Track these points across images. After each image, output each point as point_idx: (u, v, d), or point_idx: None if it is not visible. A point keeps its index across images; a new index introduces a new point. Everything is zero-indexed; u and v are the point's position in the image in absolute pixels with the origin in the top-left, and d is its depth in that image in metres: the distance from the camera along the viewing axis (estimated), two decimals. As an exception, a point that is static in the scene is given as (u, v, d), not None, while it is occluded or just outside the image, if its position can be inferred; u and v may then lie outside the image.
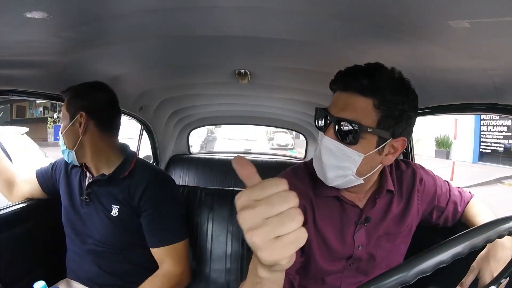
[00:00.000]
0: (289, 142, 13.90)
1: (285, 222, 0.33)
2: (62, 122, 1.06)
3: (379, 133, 0.69)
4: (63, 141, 1.04)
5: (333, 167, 0.72)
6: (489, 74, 0.80)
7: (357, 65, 0.72)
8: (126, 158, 1.09)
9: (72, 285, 1.08)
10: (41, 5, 0.63)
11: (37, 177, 1.17)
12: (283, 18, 0.78)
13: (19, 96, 1.07)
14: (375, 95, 0.68)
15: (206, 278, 1.23)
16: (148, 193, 1.03)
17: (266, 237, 0.33)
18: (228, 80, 1.48)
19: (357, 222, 0.80)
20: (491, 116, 9.12)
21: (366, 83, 0.68)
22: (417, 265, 0.35)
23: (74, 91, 1.05)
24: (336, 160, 0.71)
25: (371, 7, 0.66)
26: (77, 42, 0.89)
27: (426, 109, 1.16)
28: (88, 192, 1.05)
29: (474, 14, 0.57)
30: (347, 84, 0.70)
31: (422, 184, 0.88)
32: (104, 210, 1.03)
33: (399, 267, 0.37)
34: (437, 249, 0.36)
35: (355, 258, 0.82)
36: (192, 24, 0.84)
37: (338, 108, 0.71)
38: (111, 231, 1.03)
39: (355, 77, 0.69)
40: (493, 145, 9.85)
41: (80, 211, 1.06)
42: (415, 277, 0.36)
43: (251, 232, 0.33)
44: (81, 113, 1.01)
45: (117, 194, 1.04)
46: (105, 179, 1.04)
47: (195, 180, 2.57)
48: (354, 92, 0.69)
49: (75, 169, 1.13)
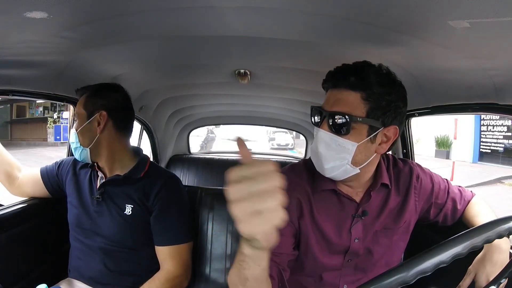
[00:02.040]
0: (289, 142, 13.93)
1: (265, 198, 0.37)
2: (77, 120, 1.06)
3: (369, 122, 0.75)
4: (77, 138, 1.04)
5: (330, 157, 0.77)
6: (489, 74, 0.80)
7: (345, 64, 0.78)
8: (140, 160, 1.13)
9: (74, 284, 1.08)
10: (41, 5, 0.63)
11: (42, 176, 1.17)
12: (283, 18, 0.78)
13: (19, 96, 1.07)
14: (363, 89, 0.74)
15: (206, 278, 1.23)
16: (161, 194, 1.07)
17: (245, 210, 0.37)
18: (228, 80, 1.48)
19: (354, 215, 0.83)
20: (491, 116, 9.11)
21: (354, 79, 0.74)
22: (417, 265, 0.35)
23: (93, 90, 1.07)
24: (331, 151, 0.76)
25: (371, 7, 0.66)
26: (77, 42, 0.89)
27: (426, 109, 1.16)
28: (101, 191, 1.07)
29: (474, 14, 0.57)
30: (337, 82, 0.77)
31: (419, 181, 0.90)
32: (117, 209, 1.05)
33: (399, 267, 0.37)
34: (437, 249, 0.36)
35: (352, 252, 0.83)
36: (192, 24, 0.84)
37: (330, 103, 0.77)
38: (124, 229, 1.05)
39: (343, 75, 0.76)
40: (493, 145, 9.85)
41: (90, 210, 1.07)
42: (415, 277, 0.36)
43: (234, 204, 0.37)
44: (101, 112, 1.04)
45: (132, 193, 1.06)
46: (121, 178, 1.07)
47: (195, 180, 2.57)
48: (343, 88, 0.76)
49: (84, 169, 1.14)
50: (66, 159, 1.20)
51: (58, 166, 1.18)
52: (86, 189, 1.10)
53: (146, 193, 1.07)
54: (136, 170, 1.09)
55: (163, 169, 1.21)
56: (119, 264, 1.06)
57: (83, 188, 1.11)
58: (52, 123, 13.37)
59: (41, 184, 1.17)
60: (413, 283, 0.37)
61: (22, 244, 1.09)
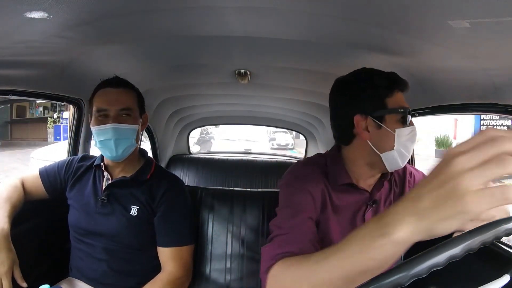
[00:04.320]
0: (289, 142, 13.94)
1: (504, 163, 0.32)
2: (132, 116, 1.04)
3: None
4: (131, 134, 1.04)
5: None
6: (489, 74, 0.80)
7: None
8: (146, 162, 1.14)
9: (76, 284, 1.08)
10: (41, 5, 0.63)
11: (41, 177, 1.14)
12: (283, 18, 0.78)
13: (19, 96, 1.06)
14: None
15: (206, 278, 1.23)
16: (166, 196, 1.07)
17: (481, 179, 0.32)
18: (228, 80, 1.48)
19: (367, 203, 0.88)
20: (491, 116, 9.11)
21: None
22: (410, 269, 0.35)
23: (135, 88, 1.09)
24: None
25: (371, 7, 0.66)
26: (77, 42, 0.89)
27: (426, 109, 1.16)
28: (107, 193, 1.06)
29: (474, 14, 0.57)
30: (404, 87, 0.83)
31: (412, 176, 0.95)
32: (122, 210, 1.05)
33: (396, 268, 0.37)
34: (432, 252, 0.36)
35: None
36: (192, 24, 0.84)
37: (404, 103, 0.82)
38: (129, 230, 1.05)
39: (403, 81, 0.82)
40: (492, 144, 9.86)
41: (93, 212, 1.07)
42: (410, 279, 0.36)
43: (464, 174, 0.32)
44: (146, 114, 1.13)
45: (139, 195, 1.07)
46: (128, 180, 1.07)
47: (195, 180, 2.57)
48: (404, 92, 0.83)
49: (87, 170, 1.13)
50: (68, 159, 1.18)
51: (61, 166, 1.16)
52: (89, 190, 1.09)
53: (152, 195, 1.07)
54: (143, 171, 1.10)
55: (168, 172, 1.22)
56: (123, 265, 1.06)
57: (86, 189, 1.10)
58: (52, 123, 13.38)
59: (40, 185, 1.14)
60: (409, 284, 0.37)
61: (23, 243, 1.08)
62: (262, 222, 1.24)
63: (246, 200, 1.28)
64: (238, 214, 1.26)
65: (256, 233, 1.24)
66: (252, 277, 1.21)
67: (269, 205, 1.25)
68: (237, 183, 2.53)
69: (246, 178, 2.55)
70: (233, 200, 1.28)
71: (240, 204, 1.27)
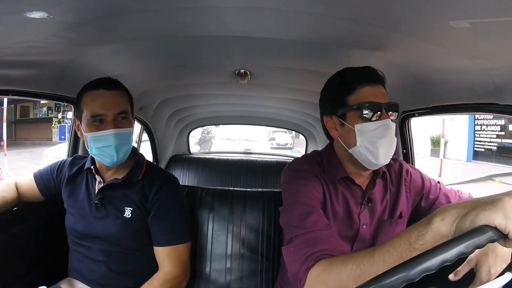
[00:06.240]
0: (288, 141, 13.99)
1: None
2: (128, 119, 1.03)
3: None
4: (130, 138, 1.02)
5: (395, 144, 0.83)
6: (489, 74, 0.81)
7: (368, 66, 0.84)
8: (137, 161, 1.11)
9: (75, 284, 1.07)
10: (41, 5, 0.63)
11: (36, 180, 1.14)
12: (283, 18, 0.78)
13: (19, 96, 1.06)
14: (384, 85, 0.85)
15: (206, 278, 1.23)
16: (159, 195, 1.06)
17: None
18: (228, 80, 1.48)
19: (361, 202, 0.88)
20: (485, 115, 9.14)
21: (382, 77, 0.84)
22: (403, 272, 0.35)
23: (126, 90, 1.05)
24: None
25: (371, 7, 0.66)
26: (77, 42, 0.88)
27: (426, 109, 1.16)
28: (100, 197, 1.05)
29: (474, 14, 0.57)
30: (375, 79, 0.83)
31: (408, 175, 0.96)
32: (117, 213, 1.05)
33: (393, 270, 0.37)
34: (426, 256, 0.36)
35: (360, 239, 0.88)
36: (192, 24, 0.84)
37: (379, 97, 0.81)
38: (125, 232, 1.04)
39: (376, 73, 0.83)
40: (487, 144, 9.89)
41: (89, 216, 1.06)
42: (400, 284, 0.36)
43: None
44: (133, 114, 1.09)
45: (132, 196, 1.06)
46: (120, 182, 1.05)
47: (195, 180, 2.57)
48: (380, 84, 0.83)
49: (79, 174, 1.12)
50: (61, 161, 1.17)
51: (54, 169, 1.15)
52: (83, 195, 1.08)
53: (145, 195, 1.06)
54: (134, 172, 1.08)
55: (160, 169, 1.20)
56: (121, 265, 1.05)
57: (80, 193, 1.09)
58: (57, 123, 13.42)
59: (35, 189, 1.14)
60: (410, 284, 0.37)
61: (22, 244, 1.09)
62: (262, 222, 1.24)
63: (246, 200, 1.28)
64: (238, 214, 1.26)
65: (256, 233, 1.24)
66: (252, 277, 1.21)
67: (269, 205, 1.25)
68: (237, 183, 2.53)
69: (246, 178, 2.55)
70: (233, 200, 1.28)
71: (240, 204, 1.27)
